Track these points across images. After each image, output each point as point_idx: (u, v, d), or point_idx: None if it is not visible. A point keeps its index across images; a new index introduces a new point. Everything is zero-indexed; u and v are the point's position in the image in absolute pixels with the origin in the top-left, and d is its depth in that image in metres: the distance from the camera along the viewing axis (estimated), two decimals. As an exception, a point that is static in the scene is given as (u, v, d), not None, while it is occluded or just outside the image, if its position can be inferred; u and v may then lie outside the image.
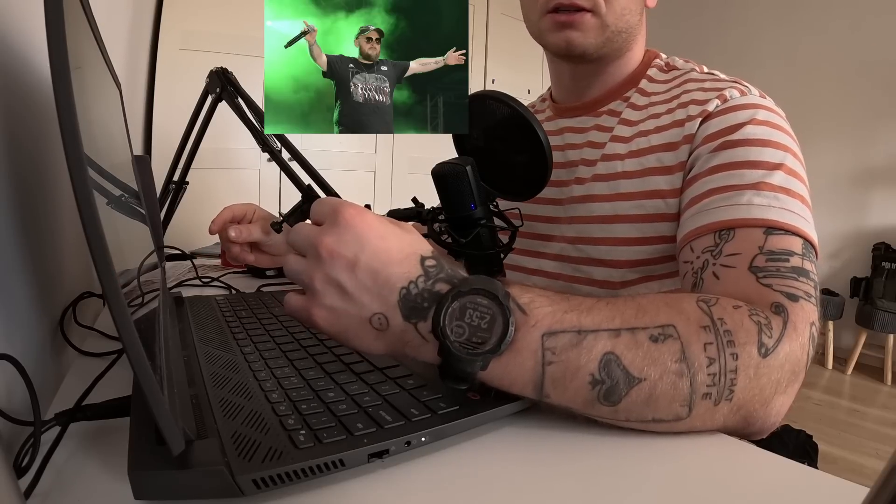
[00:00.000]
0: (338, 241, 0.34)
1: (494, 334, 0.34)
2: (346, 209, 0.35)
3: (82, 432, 0.34)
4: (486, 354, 0.34)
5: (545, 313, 0.35)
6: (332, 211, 0.36)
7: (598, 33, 0.59)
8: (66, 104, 0.21)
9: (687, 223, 0.51)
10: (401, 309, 0.34)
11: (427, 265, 0.35)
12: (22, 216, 0.41)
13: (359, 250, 0.34)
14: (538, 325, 0.34)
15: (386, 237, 0.35)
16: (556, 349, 0.34)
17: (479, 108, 0.51)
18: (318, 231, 0.35)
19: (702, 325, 0.36)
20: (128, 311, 0.22)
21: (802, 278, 0.42)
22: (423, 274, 0.35)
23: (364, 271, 0.34)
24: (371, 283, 0.34)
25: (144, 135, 1.89)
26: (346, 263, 0.34)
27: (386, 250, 0.35)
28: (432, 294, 0.34)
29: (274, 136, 0.89)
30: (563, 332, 0.34)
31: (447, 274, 0.35)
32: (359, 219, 0.35)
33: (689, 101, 0.57)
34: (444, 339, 0.33)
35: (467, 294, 0.34)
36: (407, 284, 0.34)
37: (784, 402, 0.38)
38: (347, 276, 0.34)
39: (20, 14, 0.45)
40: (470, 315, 0.34)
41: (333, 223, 0.35)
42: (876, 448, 1.94)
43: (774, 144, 0.50)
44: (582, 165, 0.64)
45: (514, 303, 0.35)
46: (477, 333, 0.34)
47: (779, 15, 3.11)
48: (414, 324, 0.35)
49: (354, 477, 0.31)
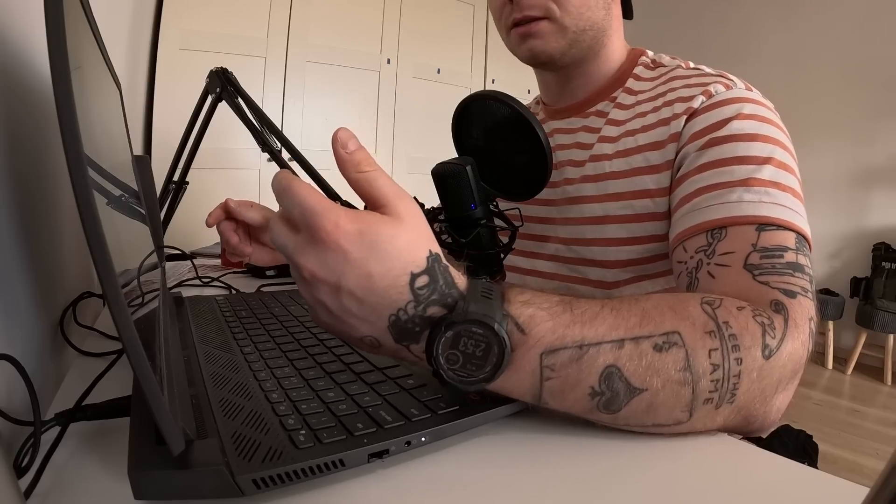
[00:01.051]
0: (317, 265, 0.31)
1: (489, 363, 0.33)
2: (322, 223, 0.30)
3: (82, 432, 0.34)
4: (480, 383, 0.33)
5: (545, 330, 0.34)
6: (306, 223, 0.31)
7: (558, 37, 0.59)
8: (66, 104, 0.21)
9: (678, 223, 0.51)
10: (391, 333, 0.33)
11: (417, 288, 0.32)
12: (22, 216, 0.41)
13: (340, 276, 0.31)
14: (538, 345, 0.33)
15: (368, 259, 0.31)
16: (555, 366, 0.34)
17: (479, 108, 0.51)
18: (294, 247, 0.32)
19: (707, 331, 0.35)
20: (128, 311, 0.22)
21: (798, 273, 0.42)
22: (412, 300, 0.32)
23: (348, 298, 0.32)
24: (357, 309, 0.32)
25: (144, 135, 1.89)
26: (329, 289, 0.32)
27: (368, 276, 0.31)
28: (423, 320, 0.33)
29: (274, 136, 0.89)
30: (564, 349, 0.33)
31: (440, 294, 0.33)
32: (336, 236, 0.30)
33: (674, 98, 0.56)
34: (438, 367, 0.33)
35: (461, 324, 0.32)
36: (396, 312, 0.32)
37: (784, 399, 0.38)
38: (332, 299, 0.32)
39: (20, 14, 0.45)
40: (464, 343, 0.32)
41: (310, 241, 0.31)
42: (876, 448, 1.94)
43: (762, 138, 0.49)
44: (569, 166, 0.64)
45: (513, 323, 0.33)
46: (472, 360, 0.33)
47: (779, 15, 3.11)
48: (406, 346, 0.34)
49: (354, 477, 0.31)
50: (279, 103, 2.24)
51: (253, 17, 2.13)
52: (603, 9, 0.60)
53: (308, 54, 2.29)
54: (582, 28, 0.59)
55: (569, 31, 0.59)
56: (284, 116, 2.26)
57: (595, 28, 0.60)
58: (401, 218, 0.32)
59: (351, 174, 0.33)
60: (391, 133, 2.61)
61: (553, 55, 0.60)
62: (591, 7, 0.59)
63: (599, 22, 0.60)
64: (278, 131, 0.91)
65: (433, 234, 0.35)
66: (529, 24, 0.58)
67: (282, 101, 2.25)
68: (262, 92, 2.17)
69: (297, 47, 2.25)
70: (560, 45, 0.59)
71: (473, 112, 0.52)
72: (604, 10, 0.60)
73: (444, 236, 0.52)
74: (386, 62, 2.54)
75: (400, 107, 2.61)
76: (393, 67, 2.56)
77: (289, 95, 2.26)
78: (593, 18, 0.59)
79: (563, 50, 0.60)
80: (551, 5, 0.57)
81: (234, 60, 1.88)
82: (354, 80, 2.46)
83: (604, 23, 0.61)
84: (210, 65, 0.90)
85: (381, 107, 2.56)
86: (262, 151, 0.88)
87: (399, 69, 2.58)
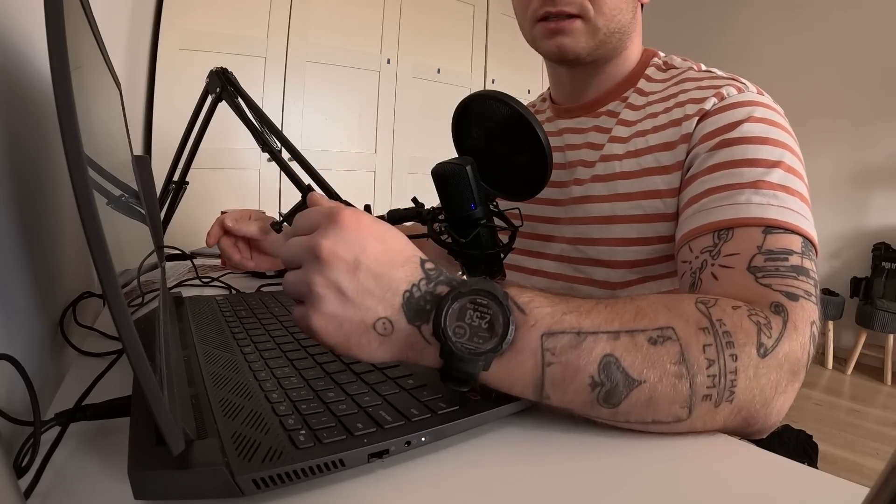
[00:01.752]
0: (336, 243, 0.33)
1: (495, 333, 0.34)
2: (342, 211, 0.34)
3: (82, 432, 0.34)
4: (488, 354, 0.34)
5: (544, 313, 0.35)
6: (326, 214, 0.34)
7: (589, 38, 0.59)
8: (66, 104, 0.21)
9: (685, 223, 0.51)
10: (405, 312, 0.34)
11: (427, 268, 0.35)
12: (22, 216, 0.41)
13: (359, 252, 0.33)
14: (538, 325, 0.34)
15: (385, 239, 0.34)
16: (555, 350, 0.34)
17: (479, 108, 0.51)
18: (314, 234, 0.34)
19: (701, 327, 0.36)
20: (128, 311, 0.22)
21: (802, 277, 0.42)
22: (424, 277, 0.34)
23: (366, 274, 0.33)
24: (374, 286, 0.33)
25: (144, 135, 1.89)
26: (346, 266, 0.33)
27: (387, 252, 0.34)
28: (434, 297, 0.34)
29: (274, 136, 0.89)
30: (563, 333, 0.34)
31: (447, 277, 0.35)
32: (356, 220, 0.34)
33: (686, 100, 0.57)
34: (446, 339, 0.33)
35: (467, 295, 0.34)
36: (410, 287, 0.34)
37: (784, 401, 0.38)
38: (349, 279, 0.33)
39: (20, 14, 0.45)
40: (470, 315, 0.34)
41: (331, 224, 0.34)
42: (876, 448, 1.94)
43: (772, 142, 0.49)
44: (580, 166, 0.64)
45: (513, 302, 0.35)
46: (478, 333, 0.34)
47: (779, 15, 3.11)
48: (418, 326, 0.34)
49: (354, 477, 0.31)
50: (279, 103, 2.24)
51: (253, 17, 2.13)
52: (630, 12, 0.61)
53: (308, 54, 2.29)
54: (612, 30, 0.59)
55: (600, 32, 0.59)
56: (284, 116, 2.26)
57: (622, 31, 0.61)
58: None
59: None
60: (391, 133, 2.61)
61: (580, 54, 0.60)
62: (622, 10, 0.59)
63: (627, 25, 0.61)
64: (278, 131, 0.91)
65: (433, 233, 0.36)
66: (563, 21, 0.58)
67: (282, 101, 2.25)
68: (262, 92, 2.17)
69: (297, 47, 2.25)
70: (589, 45, 0.59)
71: (473, 112, 0.52)
72: (631, 14, 0.61)
73: (444, 236, 0.52)
74: (386, 62, 2.54)
75: (400, 107, 2.61)
76: (393, 67, 2.56)
77: (289, 95, 2.26)
78: (622, 21, 0.60)
79: (590, 50, 0.60)
80: (587, 4, 0.57)
81: (234, 60, 1.89)
82: (354, 80, 2.46)
83: (630, 26, 0.61)
84: (210, 65, 0.89)
85: (381, 107, 2.56)
86: (262, 151, 0.88)
87: (399, 69, 2.58)
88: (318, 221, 0.35)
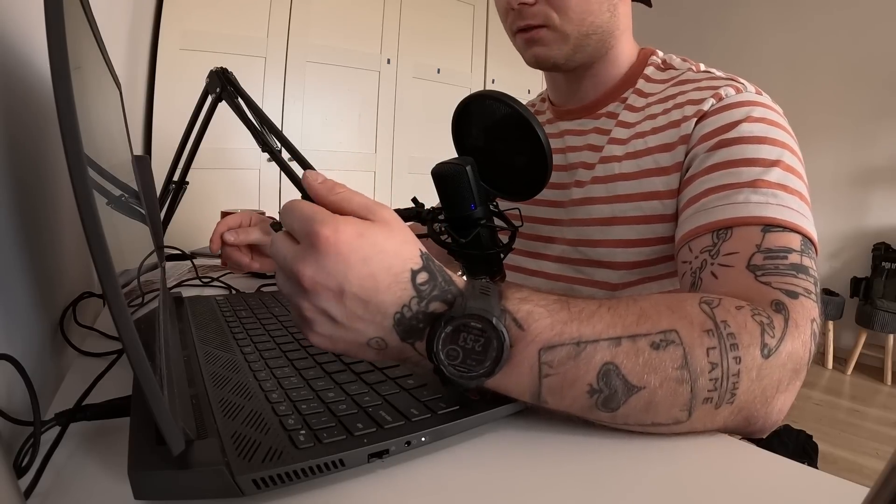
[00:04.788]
0: (317, 272, 0.31)
1: (489, 357, 0.33)
2: (321, 229, 0.31)
3: (82, 432, 0.34)
4: (480, 378, 0.33)
5: (543, 327, 0.34)
6: (306, 232, 0.32)
7: (561, 44, 0.59)
8: (66, 104, 0.21)
9: (685, 223, 0.51)
10: (397, 332, 0.33)
11: (419, 283, 0.33)
12: (22, 216, 0.41)
13: (342, 280, 0.31)
14: (536, 341, 0.34)
15: (369, 259, 0.32)
16: (553, 363, 0.34)
17: (479, 108, 0.51)
18: (294, 256, 0.32)
19: (705, 329, 0.35)
20: (128, 311, 0.22)
21: (801, 275, 0.41)
22: (415, 295, 0.33)
23: (353, 301, 0.32)
24: (363, 311, 0.32)
25: (144, 135, 1.89)
26: (331, 294, 0.32)
27: (371, 276, 0.32)
28: (427, 315, 0.33)
29: (274, 136, 0.89)
30: (562, 346, 0.34)
31: (441, 290, 0.34)
32: (334, 244, 0.31)
33: (685, 101, 0.57)
34: (438, 363, 0.33)
35: (460, 318, 0.33)
36: (400, 309, 0.33)
37: (785, 400, 0.38)
38: (336, 306, 0.32)
39: (20, 14, 0.45)
40: (464, 338, 0.33)
41: (310, 248, 0.31)
42: (876, 448, 1.94)
43: (771, 141, 0.49)
44: (581, 168, 0.64)
45: (511, 318, 0.34)
46: (471, 356, 0.33)
47: (779, 15, 3.11)
48: (412, 343, 0.34)
49: (354, 477, 0.31)
50: (279, 103, 2.24)
51: (253, 18, 2.13)
52: (608, 11, 0.59)
53: (308, 54, 2.29)
54: (585, 33, 0.59)
55: (571, 38, 0.58)
56: (284, 116, 2.26)
57: (600, 31, 0.60)
58: (388, 222, 0.34)
59: (329, 198, 0.34)
60: (391, 133, 2.61)
61: (557, 61, 0.60)
62: (593, 12, 0.58)
63: (604, 25, 0.60)
64: (278, 131, 0.91)
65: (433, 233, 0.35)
66: (531, 31, 0.59)
67: (282, 101, 2.25)
68: (262, 92, 2.17)
69: (297, 47, 2.25)
70: (563, 51, 0.59)
71: (473, 112, 0.52)
72: (609, 13, 0.60)
73: (444, 236, 0.52)
74: (386, 62, 2.54)
75: (400, 107, 2.61)
76: (393, 67, 2.56)
77: (289, 95, 2.26)
78: (597, 22, 0.59)
79: (566, 55, 0.60)
80: (551, 13, 0.57)
81: (234, 60, 1.88)
82: (354, 80, 2.46)
83: (609, 25, 0.60)
84: (210, 65, 0.89)
85: (381, 107, 2.56)
86: (262, 151, 0.88)
87: (399, 69, 2.58)
88: (298, 233, 0.33)
